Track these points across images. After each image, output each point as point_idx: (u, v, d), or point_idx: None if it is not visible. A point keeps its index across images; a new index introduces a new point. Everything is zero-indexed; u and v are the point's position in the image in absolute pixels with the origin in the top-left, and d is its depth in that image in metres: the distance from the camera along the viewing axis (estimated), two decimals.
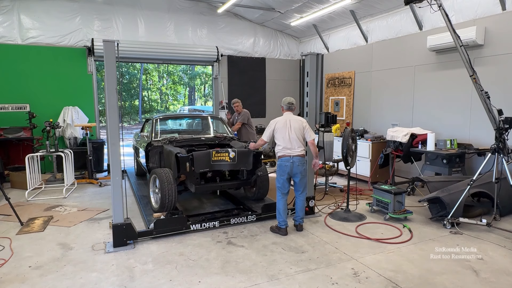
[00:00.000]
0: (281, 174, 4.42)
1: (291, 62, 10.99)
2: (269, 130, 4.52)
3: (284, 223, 4.44)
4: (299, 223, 4.61)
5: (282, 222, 4.43)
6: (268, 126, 4.55)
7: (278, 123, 4.47)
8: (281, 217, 4.44)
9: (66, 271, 3.50)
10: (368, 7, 7.76)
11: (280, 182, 4.46)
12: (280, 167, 4.43)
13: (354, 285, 3.22)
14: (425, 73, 7.06)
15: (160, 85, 31.14)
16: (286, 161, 4.38)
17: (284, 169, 4.38)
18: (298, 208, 4.61)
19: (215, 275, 3.41)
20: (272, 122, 4.52)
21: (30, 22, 7.88)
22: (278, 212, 4.46)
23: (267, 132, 4.55)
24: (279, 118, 4.55)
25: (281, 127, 4.44)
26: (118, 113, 3.96)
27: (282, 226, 4.43)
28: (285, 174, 4.40)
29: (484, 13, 5.98)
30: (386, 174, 6.91)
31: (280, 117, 4.57)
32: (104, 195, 6.31)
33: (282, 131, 4.42)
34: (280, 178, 4.44)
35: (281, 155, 4.44)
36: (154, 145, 5.61)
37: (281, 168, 4.41)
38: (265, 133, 4.58)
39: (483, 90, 4.41)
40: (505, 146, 4.39)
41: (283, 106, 4.65)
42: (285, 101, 4.63)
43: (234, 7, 9.31)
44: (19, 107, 7.89)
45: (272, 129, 4.48)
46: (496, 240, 4.21)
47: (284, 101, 4.64)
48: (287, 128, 4.42)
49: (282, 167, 4.41)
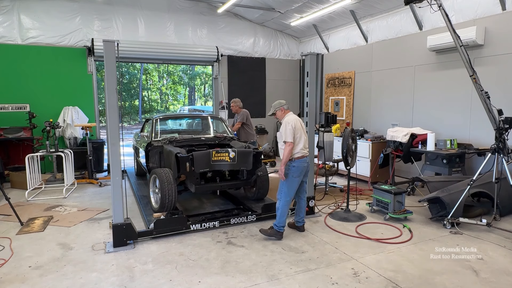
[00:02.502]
0: (297, 176, 4.25)
1: (291, 62, 10.99)
2: (291, 131, 4.16)
3: (284, 227, 4.33)
4: (303, 224, 4.58)
5: (283, 227, 4.31)
6: (287, 126, 4.19)
7: (295, 122, 4.23)
8: (284, 220, 4.31)
9: (66, 271, 3.50)
10: (368, 7, 7.76)
11: (294, 185, 4.27)
12: (297, 169, 4.22)
13: (354, 285, 3.22)
14: (425, 73, 7.05)
15: (160, 85, 31.14)
16: (305, 161, 4.28)
17: (302, 170, 4.26)
18: (303, 209, 4.54)
19: (215, 275, 3.41)
20: (289, 121, 4.21)
21: (30, 22, 7.88)
22: (283, 215, 4.27)
23: (290, 132, 4.17)
24: (291, 117, 4.32)
25: (299, 126, 4.28)
26: (118, 113, 3.96)
27: (281, 230, 4.30)
28: (301, 175, 4.28)
29: (484, 13, 5.98)
30: (386, 174, 6.91)
31: (290, 116, 4.34)
32: (104, 195, 6.31)
33: (300, 131, 4.26)
34: (295, 179, 4.25)
35: (300, 155, 4.24)
36: (154, 145, 5.61)
37: (299, 170, 4.23)
38: (288, 134, 4.16)
39: (483, 90, 4.41)
40: (505, 146, 4.39)
41: (282, 108, 4.44)
42: (281, 103, 4.45)
43: (234, 7, 9.31)
44: (19, 107, 7.89)
45: (294, 127, 4.19)
46: (496, 240, 4.21)
47: (280, 103, 4.45)
48: (303, 128, 4.35)
49: (300, 168, 4.24)
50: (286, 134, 4.17)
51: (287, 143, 4.15)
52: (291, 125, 4.18)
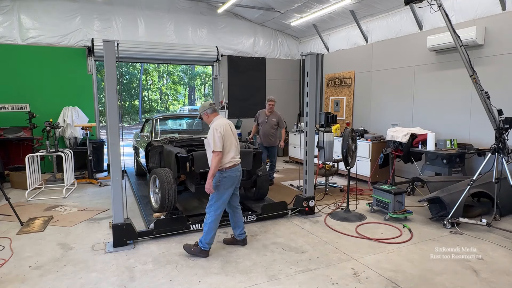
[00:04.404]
0: (229, 187, 3.83)
1: (291, 62, 10.99)
2: (220, 138, 3.67)
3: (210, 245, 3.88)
4: (245, 237, 4.17)
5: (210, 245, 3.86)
6: (215, 133, 3.67)
7: (224, 128, 3.75)
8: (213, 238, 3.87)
9: (66, 271, 3.50)
10: (368, 7, 7.77)
11: (225, 197, 3.84)
12: (229, 179, 3.80)
13: (354, 285, 3.22)
14: (425, 73, 7.05)
15: (160, 85, 31.16)
16: (237, 171, 3.88)
17: (234, 180, 3.86)
18: (240, 221, 4.14)
19: (215, 275, 3.41)
20: (217, 127, 3.71)
21: (30, 22, 7.88)
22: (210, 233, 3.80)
23: (219, 140, 3.66)
24: (219, 122, 3.81)
25: (229, 132, 3.81)
26: (118, 113, 3.96)
27: (207, 248, 3.84)
28: (233, 186, 3.89)
29: (484, 13, 5.98)
30: (386, 174, 6.91)
31: (218, 121, 3.83)
32: (104, 195, 6.31)
33: (230, 137, 3.82)
34: (226, 191, 3.83)
35: (232, 165, 3.81)
36: (154, 145, 5.62)
37: (231, 180, 3.82)
38: (217, 143, 3.65)
39: (483, 90, 4.41)
40: (505, 146, 4.39)
41: (206, 113, 3.92)
42: (204, 107, 3.93)
43: (234, 7, 9.31)
44: (19, 107, 7.89)
45: (223, 134, 3.71)
46: (496, 240, 4.21)
47: (203, 107, 3.94)
48: (233, 133, 3.91)
49: (232, 178, 3.82)
50: (215, 143, 3.66)
51: (215, 152, 3.66)
52: (219, 131, 3.68)
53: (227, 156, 3.78)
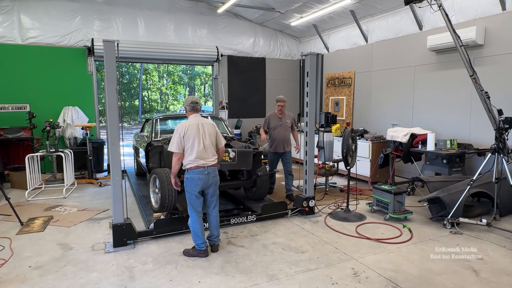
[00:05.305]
0: (193, 190, 3.75)
1: (291, 62, 10.99)
2: (178, 139, 3.68)
3: (205, 244, 3.86)
4: (214, 242, 3.99)
5: (202, 244, 3.82)
6: (175, 133, 3.71)
7: (186, 129, 3.72)
8: (200, 238, 3.82)
9: (66, 271, 3.50)
10: (368, 7, 7.76)
11: (193, 199, 3.79)
12: (192, 181, 3.73)
13: (354, 285, 3.22)
14: (425, 73, 7.05)
15: (160, 85, 31.15)
16: (200, 173, 3.72)
17: (197, 182, 3.72)
18: (213, 226, 3.98)
19: (215, 275, 3.41)
20: (179, 127, 3.73)
21: (30, 22, 7.88)
22: (196, 234, 3.81)
23: (176, 141, 3.68)
24: (186, 122, 3.80)
25: (193, 133, 3.72)
26: (118, 113, 3.96)
27: (202, 247, 3.82)
28: (198, 188, 3.75)
29: (484, 13, 5.98)
30: (386, 174, 6.91)
31: (185, 121, 3.83)
32: (104, 195, 6.31)
33: (194, 138, 3.72)
34: (192, 195, 3.77)
35: (193, 166, 3.71)
36: (154, 145, 5.61)
37: (193, 182, 3.72)
38: (173, 143, 3.68)
39: (483, 90, 4.41)
40: (505, 146, 4.39)
41: (186, 108, 3.93)
42: (187, 101, 3.91)
43: (234, 7, 9.31)
44: (19, 107, 7.89)
45: (182, 135, 3.69)
46: (496, 240, 4.21)
47: (186, 101, 3.93)
48: (201, 134, 3.77)
49: (194, 180, 3.72)
50: (171, 143, 3.68)
51: (173, 153, 3.68)
52: (179, 132, 3.69)
53: (188, 157, 3.73)
